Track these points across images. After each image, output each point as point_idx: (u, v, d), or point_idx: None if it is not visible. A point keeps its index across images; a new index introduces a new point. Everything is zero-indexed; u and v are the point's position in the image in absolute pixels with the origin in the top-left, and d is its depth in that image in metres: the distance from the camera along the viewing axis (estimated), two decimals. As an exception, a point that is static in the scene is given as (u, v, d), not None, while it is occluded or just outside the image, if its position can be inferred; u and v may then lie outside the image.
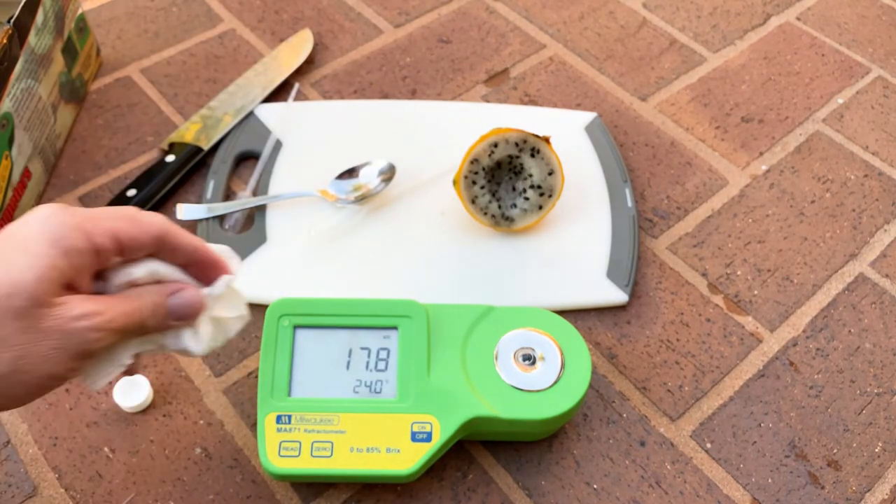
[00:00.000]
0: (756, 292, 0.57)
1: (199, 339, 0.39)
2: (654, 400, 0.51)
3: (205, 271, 0.39)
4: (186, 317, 0.38)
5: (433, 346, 0.46)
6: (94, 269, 0.36)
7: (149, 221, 0.36)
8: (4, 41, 0.52)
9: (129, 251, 0.36)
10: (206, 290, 0.39)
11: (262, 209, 0.59)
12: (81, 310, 0.34)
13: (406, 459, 0.42)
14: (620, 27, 0.75)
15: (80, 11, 0.65)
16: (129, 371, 0.43)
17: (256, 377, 0.50)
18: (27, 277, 0.32)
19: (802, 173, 0.64)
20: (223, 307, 0.40)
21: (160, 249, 0.37)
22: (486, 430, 0.46)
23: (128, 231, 0.36)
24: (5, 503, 0.45)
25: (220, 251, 0.40)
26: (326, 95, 0.68)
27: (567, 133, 0.64)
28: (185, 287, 0.38)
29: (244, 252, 0.56)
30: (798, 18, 0.77)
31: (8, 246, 0.33)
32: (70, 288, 0.34)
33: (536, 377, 0.45)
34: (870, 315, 0.56)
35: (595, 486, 0.47)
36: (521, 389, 0.45)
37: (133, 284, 0.37)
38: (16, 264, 0.32)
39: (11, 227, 0.34)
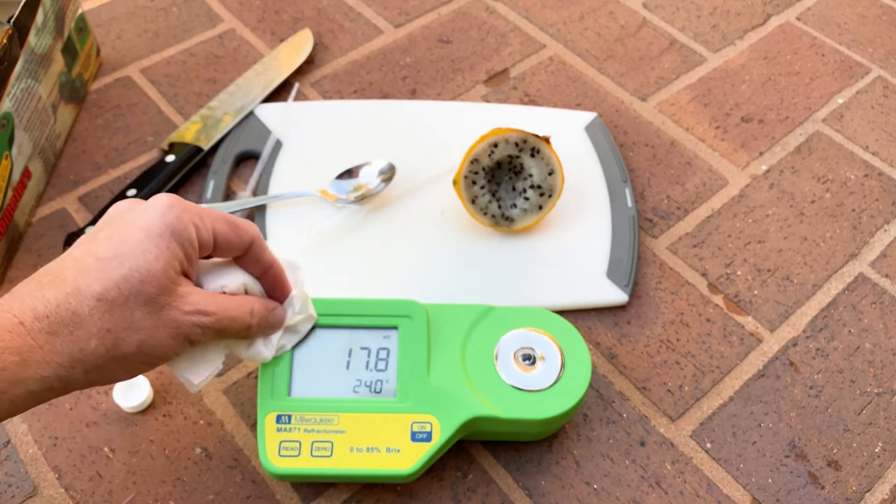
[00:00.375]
0: (756, 292, 0.57)
1: (269, 346, 0.43)
2: (654, 400, 0.51)
3: (273, 286, 0.42)
4: (273, 331, 0.42)
5: (433, 346, 0.46)
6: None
7: (245, 229, 0.39)
8: (4, 41, 0.52)
9: (221, 252, 0.38)
10: (286, 307, 0.43)
11: (262, 209, 0.59)
12: (197, 305, 0.36)
13: (406, 459, 0.42)
14: (620, 27, 0.75)
15: (80, 11, 0.65)
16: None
17: (256, 377, 0.50)
18: (156, 267, 0.34)
19: (802, 173, 0.64)
20: (289, 313, 0.43)
21: (245, 257, 0.40)
22: (486, 430, 0.46)
23: (226, 234, 0.38)
24: (5, 503, 0.45)
25: (287, 261, 0.43)
26: (326, 95, 0.68)
27: (567, 133, 0.64)
28: (278, 306, 0.42)
29: (244, 252, 0.56)
30: (798, 18, 0.77)
31: (133, 235, 0.35)
32: (184, 276, 0.37)
33: (536, 377, 0.45)
34: (870, 315, 0.56)
35: (595, 486, 0.47)
36: (521, 389, 0.45)
37: (222, 290, 0.39)
38: (147, 253, 0.34)
39: (133, 216, 0.36)
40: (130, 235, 0.35)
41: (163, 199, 0.36)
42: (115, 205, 0.38)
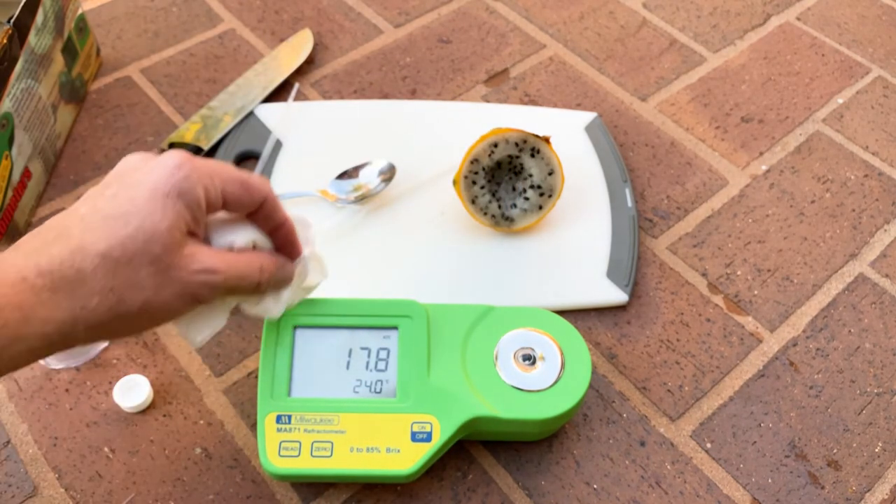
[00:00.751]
0: (756, 292, 0.57)
1: (279, 303, 0.42)
2: (654, 400, 0.51)
3: (283, 243, 0.41)
4: (282, 287, 0.41)
5: (433, 346, 0.46)
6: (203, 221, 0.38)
7: (257, 188, 0.38)
8: (4, 41, 0.52)
9: (231, 210, 0.38)
10: (296, 264, 0.42)
11: (262, 209, 0.59)
12: (204, 264, 0.36)
13: (406, 459, 0.42)
14: (620, 27, 0.75)
15: (80, 11, 0.65)
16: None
17: (256, 377, 0.50)
18: (162, 227, 0.34)
19: (802, 173, 0.64)
20: (300, 273, 0.43)
21: (256, 214, 0.39)
22: (486, 430, 0.46)
23: (237, 194, 0.37)
24: (5, 503, 0.45)
25: (298, 217, 0.42)
26: (326, 95, 0.68)
27: (567, 133, 0.64)
28: (286, 260, 0.41)
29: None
30: (798, 18, 0.77)
31: (141, 193, 0.34)
32: (191, 235, 0.36)
33: (536, 377, 0.45)
34: (870, 315, 0.56)
35: (595, 486, 0.47)
36: (521, 389, 0.45)
37: (231, 247, 0.39)
38: (153, 213, 0.34)
39: (141, 174, 0.35)
40: (138, 194, 0.34)
41: (172, 158, 0.36)
42: (125, 158, 0.37)
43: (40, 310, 0.32)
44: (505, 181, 0.57)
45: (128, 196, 0.34)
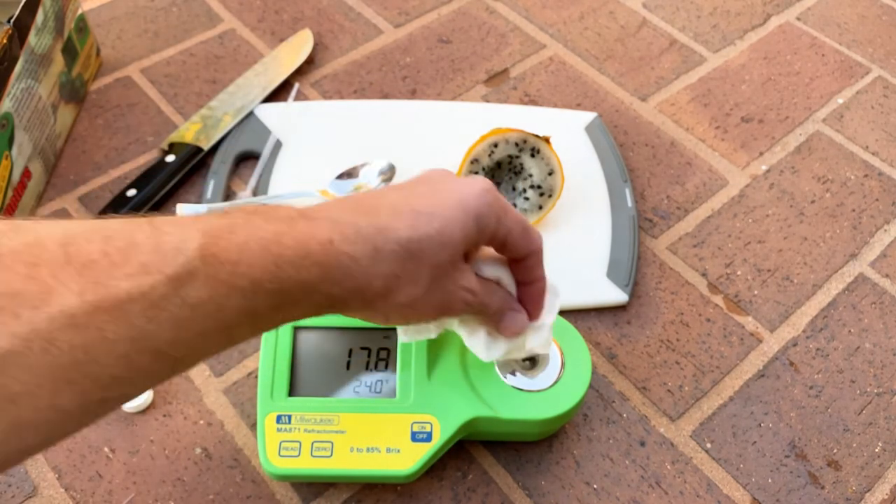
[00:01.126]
0: (756, 292, 0.57)
1: (490, 350, 0.41)
2: (654, 400, 0.51)
3: (529, 300, 0.41)
4: (505, 334, 0.41)
5: (433, 346, 0.46)
6: None
7: (534, 238, 0.39)
8: (4, 41, 0.52)
9: (502, 250, 0.39)
10: (532, 324, 0.41)
11: (262, 209, 0.59)
12: (469, 283, 0.37)
13: (406, 459, 0.42)
14: (620, 27, 0.75)
15: (80, 11, 0.65)
16: None
17: (256, 377, 0.50)
18: (457, 238, 0.35)
19: (802, 173, 0.64)
20: (530, 336, 0.42)
21: (518, 263, 0.40)
22: (487, 430, 0.46)
23: (517, 238, 0.38)
24: (5, 503, 0.45)
25: (551, 284, 0.42)
26: (326, 95, 0.68)
27: (567, 133, 0.64)
28: (523, 312, 0.41)
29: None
30: (798, 18, 0.77)
31: (450, 201, 0.35)
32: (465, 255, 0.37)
33: (536, 377, 0.45)
34: (870, 315, 0.56)
35: (595, 486, 0.47)
36: (521, 389, 0.45)
37: (477, 274, 0.39)
38: (455, 222, 0.35)
39: (452, 185, 0.37)
40: (448, 200, 0.35)
41: (482, 183, 0.37)
42: (430, 170, 0.39)
43: (336, 273, 0.32)
44: (505, 181, 0.57)
45: (438, 199, 0.35)
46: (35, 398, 0.26)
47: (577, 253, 0.57)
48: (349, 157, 0.61)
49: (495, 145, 0.55)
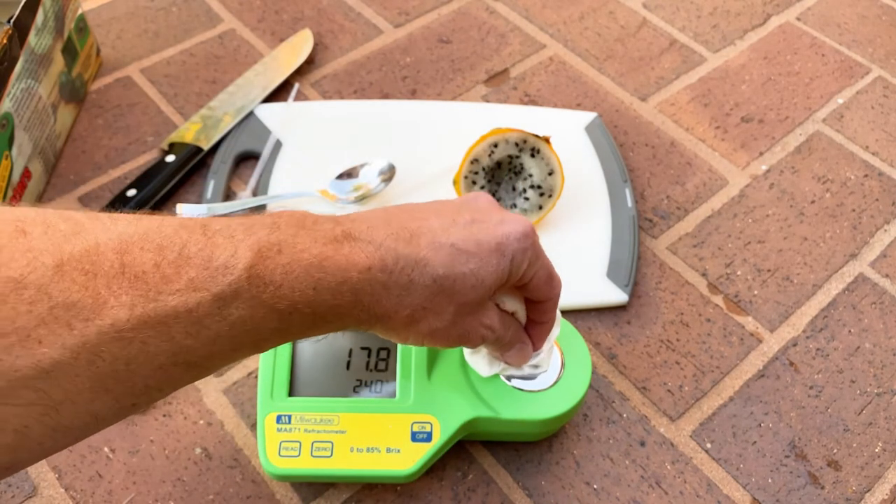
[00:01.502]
0: (756, 292, 0.57)
1: (491, 368, 0.43)
2: (654, 400, 0.51)
3: (534, 335, 0.42)
4: (510, 363, 0.42)
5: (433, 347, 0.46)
6: None
7: (556, 286, 0.40)
8: (4, 41, 0.52)
9: (524, 291, 0.40)
10: (535, 354, 0.43)
11: (262, 209, 0.59)
12: (491, 322, 0.37)
13: (406, 459, 0.42)
14: (620, 27, 0.75)
15: (80, 11, 0.65)
16: None
17: (256, 377, 0.50)
18: (489, 282, 0.35)
19: (802, 173, 0.64)
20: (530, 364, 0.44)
21: (536, 305, 0.41)
22: (486, 430, 0.46)
23: (540, 286, 0.39)
24: (5, 503, 0.45)
25: (559, 317, 0.44)
26: (326, 95, 0.68)
27: (567, 133, 0.64)
28: (530, 344, 0.42)
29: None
30: (798, 18, 0.77)
31: (490, 241, 0.35)
32: None
33: (536, 377, 0.45)
34: (870, 315, 0.56)
35: (595, 486, 0.47)
36: (522, 389, 0.45)
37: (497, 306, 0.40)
38: (488, 266, 0.35)
39: (496, 220, 0.37)
40: (487, 240, 0.35)
41: (524, 226, 0.37)
42: (476, 196, 0.39)
43: (367, 300, 0.32)
44: (505, 181, 0.57)
45: (479, 238, 0.35)
46: (75, 405, 0.26)
47: (577, 253, 0.57)
48: (349, 157, 0.61)
49: (495, 145, 0.55)
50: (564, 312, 0.54)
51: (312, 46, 0.71)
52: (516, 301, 0.40)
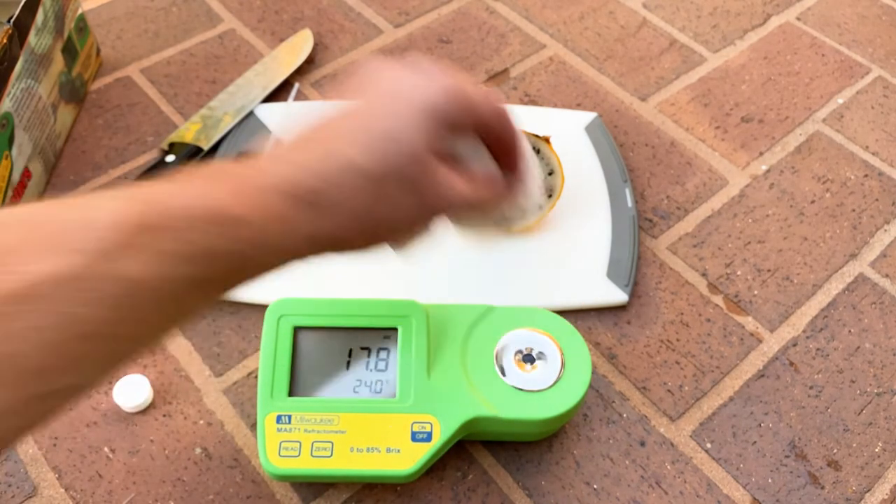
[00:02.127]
0: (756, 292, 0.57)
1: (487, 229, 0.42)
2: (654, 400, 0.51)
3: (502, 155, 0.39)
4: (495, 205, 0.39)
5: (433, 346, 0.46)
6: None
7: (513, 123, 0.37)
8: (4, 41, 0.52)
9: (475, 131, 0.37)
10: (519, 192, 0.40)
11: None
12: (451, 184, 0.34)
13: (406, 459, 0.42)
14: (620, 27, 0.75)
15: (80, 11, 0.65)
16: None
17: (256, 377, 0.50)
18: (421, 147, 0.33)
19: (802, 173, 0.64)
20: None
21: (488, 132, 0.37)
22: (486, 430, 0.46)
23: (493, 127, 0.36)
24: (5, 503, 0.45)
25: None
26: (326, 95, 0.68)
27: (567, 133, 0.64)
28: (501, 177, 0.39)
29: (244, 252, 0.56)
30: (798, 18, 0.77)
31: (402, 109, 0.33)
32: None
33: (536, 377, 0.45)
34: (870, 315, 0.56)
35: (595, 486, 0.47)
36: (521, 389, 0.45)
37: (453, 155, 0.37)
38: (414, 132, 0.33)
39: (397, 86, 0.34)
40: (400, 109, 0.33)
41: (445, 83, 0.34)
42: (371, 65, 0.36)
43: (301, 224, 0.31)
44: (505, 181, 0.57)
45: (390, 110, 0.33)
46: None
47: (577, 253, 0.57)
48: (349, 157, 0.61)
49: (495, 145, 0.55)
50: (564, 312, 0.54)
51: (312, 46, 0.71)
52: (469, 147, 0.37)
